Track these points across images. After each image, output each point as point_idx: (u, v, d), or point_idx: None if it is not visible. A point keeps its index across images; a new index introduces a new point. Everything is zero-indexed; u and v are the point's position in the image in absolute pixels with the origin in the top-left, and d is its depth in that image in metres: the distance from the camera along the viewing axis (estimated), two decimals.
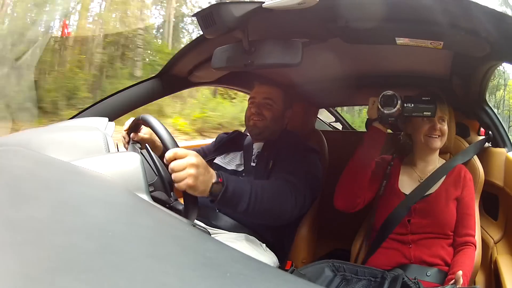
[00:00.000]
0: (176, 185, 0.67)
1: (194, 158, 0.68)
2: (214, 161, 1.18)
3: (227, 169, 1.14)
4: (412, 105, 0.94)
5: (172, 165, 0.66)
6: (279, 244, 1.08)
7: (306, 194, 1.00)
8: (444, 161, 1.08)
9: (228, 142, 1.24)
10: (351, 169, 1.01)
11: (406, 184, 1.06)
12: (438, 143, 1.03)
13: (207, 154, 1.23)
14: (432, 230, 0.97)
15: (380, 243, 1.01)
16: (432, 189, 1.02)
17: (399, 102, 0.92)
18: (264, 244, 1.04)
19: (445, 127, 1.02)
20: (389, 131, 1.09)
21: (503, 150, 1.23)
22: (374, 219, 1.07)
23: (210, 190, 0.72)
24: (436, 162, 1.07)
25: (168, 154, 0.67)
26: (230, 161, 1.17)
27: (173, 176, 0.67)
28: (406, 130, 1.08)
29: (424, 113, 0.94)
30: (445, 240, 0.98)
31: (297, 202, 0.95)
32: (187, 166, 0.67)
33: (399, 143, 1.11)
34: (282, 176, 0.97)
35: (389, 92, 0.94)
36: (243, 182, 0.83)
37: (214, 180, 0.73)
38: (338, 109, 2.38)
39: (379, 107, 0.94)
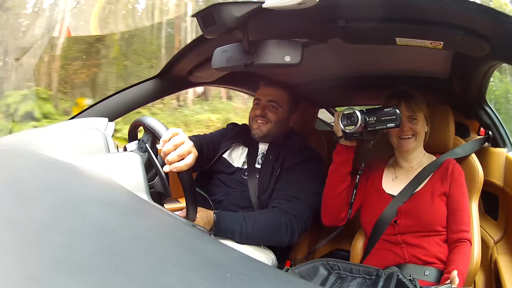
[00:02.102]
0: None
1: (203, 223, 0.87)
2: (223, 156, 1.18)
3: (233, 166, 1.14)
4: (375, 118, 0.92)
5: None
6: None
7: (307, 218, 1.04)
8: (434, 157, 1.06)
9: (237, 134, 1.23)
10: (328, 187, 1.03)
11: (391, 184, 1.05)
12: (412, 144, 1.00)
13: (215, 144, 1.21)
14: (419, 229, 0.96)
15: (373, 245, 1.01)
16: (418, 187, 1.00)
17: (359, 118, 0.91)
18: None
19: (418, 126, 1.00)
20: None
21: (503, 150, 1.22)
22: (361, 222, 1.08)
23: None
24: (420, 157, 1.05)
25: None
26: (237, 158, 1.17)
27: None
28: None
29: (388, 125, 0.91)
30: (437, 236, 0.96)
31: (295, 232, 1.00)
32: None
33: (368, 152, 1.03)
34: (282, 205, 1.00)
35: (349, 110, 0.92)
36: (235, 221, 0.94)
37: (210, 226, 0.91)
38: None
39: (341, 127, 0.93)
